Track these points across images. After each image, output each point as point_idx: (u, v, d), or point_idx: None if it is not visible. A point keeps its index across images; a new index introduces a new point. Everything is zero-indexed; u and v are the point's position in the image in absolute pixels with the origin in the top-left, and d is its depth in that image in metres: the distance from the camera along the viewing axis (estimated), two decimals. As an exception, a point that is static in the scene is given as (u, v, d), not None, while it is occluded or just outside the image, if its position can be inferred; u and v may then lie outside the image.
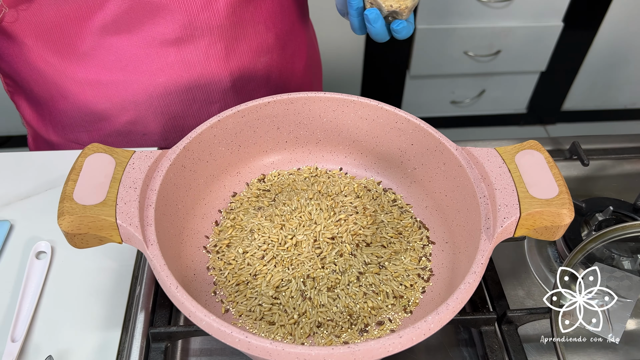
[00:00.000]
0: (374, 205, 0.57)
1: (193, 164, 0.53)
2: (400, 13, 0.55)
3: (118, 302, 0.56)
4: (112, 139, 0.71)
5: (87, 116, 0.68)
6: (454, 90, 2.00)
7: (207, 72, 0.66)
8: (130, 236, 0.44)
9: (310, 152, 0.61)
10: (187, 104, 0.68)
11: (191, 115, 0.70)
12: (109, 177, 0.46)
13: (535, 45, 1.85)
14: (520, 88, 2.05)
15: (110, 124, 0.69)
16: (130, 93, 0.66)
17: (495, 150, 0.50)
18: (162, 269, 0.42)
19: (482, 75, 1.95)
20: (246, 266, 0.52)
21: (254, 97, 0.71)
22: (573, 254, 0.54)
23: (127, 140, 0.71)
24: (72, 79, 0.65)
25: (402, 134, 0.56)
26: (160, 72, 0.65)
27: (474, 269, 0.43)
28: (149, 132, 0.70)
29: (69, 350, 0.52)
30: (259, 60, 0.69)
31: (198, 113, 0.70)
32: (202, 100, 0.69)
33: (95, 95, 0.66)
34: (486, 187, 0.48)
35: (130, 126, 0.69)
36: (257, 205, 0.57)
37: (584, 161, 0.66)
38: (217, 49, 0.64)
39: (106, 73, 0.64)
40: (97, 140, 0.71)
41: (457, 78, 1.96)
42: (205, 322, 0.39)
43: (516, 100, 2.11)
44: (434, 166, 0.55)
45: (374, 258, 0.52)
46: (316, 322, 0.48)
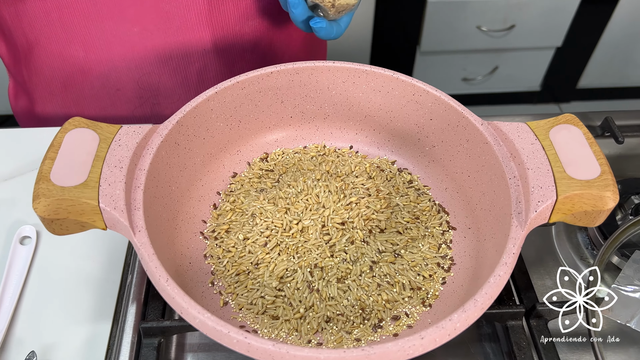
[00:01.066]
0: (388, 187, 0.51)
1: (188, 141, 0.48)
2: (324, 10, 0.51)
3: (108, 292, 0.52)
4: (85, 93, 0.66)
5: (62, 68, 0.64)
6: (466, 67, 1.93)
7: (186, 26, 0.61)
8: (115, 222, 0.39)
9: (318, 129, 0.56)
10: (164, 60, 0.63)
11: (167, 73, 0.65)
12: (92, 155, 0.41)
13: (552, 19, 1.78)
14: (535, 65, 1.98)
15: (84, 77, 0.64)
16: (104, 42, 0.61)
17: (526, 125, 0.45)
18: (151, 259, 0.37)
19: (495, 51, 1.89)
20: (247, 254, 0.47)
21: (237, 64, 0.66)
22: (610, 242, 0.48)
23: (101, 95, 0.66)
24: (49, 23, 0.60)
25: (420, 107, 0.50)
26: (135, 20, 0.59)
27: (504, 260, 0.38)
28: (122, 87, 0.65)
29: (54, 344, 0.48)
30: (246, 23, 0.63)
31: (175, 72, 0.65)
32: (180, 57, 0.64)
33: (70, 41, 0.61)
34: (516, 167, 0.43)
35: (104, 80, 0.64)
36: (259, 187, 0.52)
37: (618, 138, 0.60)
38: (198, 1, 0.59)
39: (81, 19, 0.59)
40: (71, 94, 0.66)
41: (469, 54, 1.89)
42: (199, 320, 0.35)
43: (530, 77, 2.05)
44: (456, 143, 0.49)
45: (389, 245, 0.47)
46: (325, 316, 0.43)
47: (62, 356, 0.47)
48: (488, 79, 1.98)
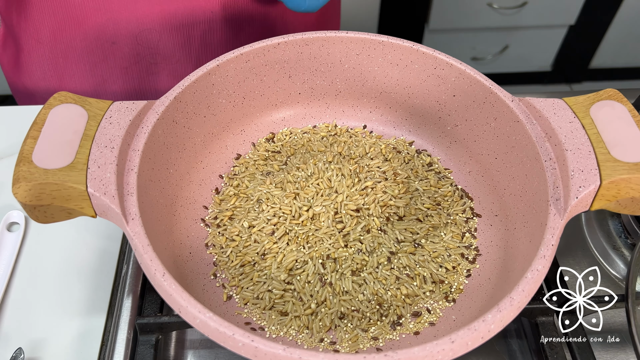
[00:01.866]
0: (406, 170, 0.47)
1: (187, 119, 0.44)
2: None
3: (103, 283, 0.48)
4: (77, 44, 0.61)
5: (54, 13, 0.59)
6: (475, 45, 1.88)
7: None
8: (106, 208, 0.35)
9: (329, 107, 0.51)
10: (167, 16, 0.58)
11: (169, 31, 0.60)
12: (79, 133, 0.37)
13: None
14: (546, 44, 1.93)
15: (78, 26, 0.59)
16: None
17: (563, 102, 0.40)
18: (145, 251, 0.33)
19: (506, 30, 1.84)
20: (252, 243, 0.42)
21: (244, 31, 0.61)
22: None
23: (93, 48, 0.61)
24: None
25: (442, 82, 0.46)
26: None
27: (542, 252, 0.34)
28: (118, 41, 0.60)
29: (44, 340, 0.44)
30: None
31: (177, 31, 0.60)
32: (185, 15, 0.59)
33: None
34: (553, 148, 0.38)
35: (100, 31, 0.59)
36: (266, 170, 0.47)
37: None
38: None
39: None
40: (61, 44, 0.61)
41: (479, 32, 1.84)
42: (199, 320, 0.31)
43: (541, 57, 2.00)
44: (482, 122, 0.45)
45: (408, 235, 0.43)
46: (338, 312, 0.39)
47: (51, 353, 0.44)
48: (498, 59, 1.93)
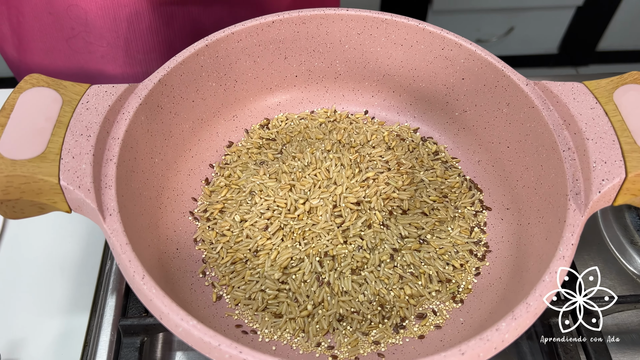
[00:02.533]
0: (410, 159, 0.44)
1: (173, 103, 0.40)
2: None
3: (86, 279, 0.45)
4: (25, 10, 0.55)
5: None
6: (480, 27, 1.84)
7: None
8: (81, 203, 0.32)
9: (327, 90, 0.48)
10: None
11: (94, 7, 0.53)
12: (52, 120, 0.33)
13: (573, -25, 1.68)
14: (553, 25, 1.89)
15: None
16: None
17: (583, 86, 0.37)
18: (124, 250, 0.30)
19: (512, 11, 1.80)
20: (245, 239, 0.39)
21: (177, 21, 0.55)
22: (672, 225, 0.41)
23: (42, 17, 0.55)
24: None
25: (450, 64, 0.42)
26: None
27: (561, 252, 0.31)
28: (55, 12, 0.53)
29: (23, 340, 0.42)
30: None
31: (102, 10, 0.53)
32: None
33: None
34: (572, 137, 0.35)
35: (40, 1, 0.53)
36: (259, 159, 0.44)
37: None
38: None
39: None
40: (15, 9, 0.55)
41: (483, 13, 1.80)
42: (182, 328, 0.28)
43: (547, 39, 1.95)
44: (493, 107, 0.41)
45: (413, 230, 0.40)
46: (337, 314, 0.36)
47: (31, 355, 0.41)
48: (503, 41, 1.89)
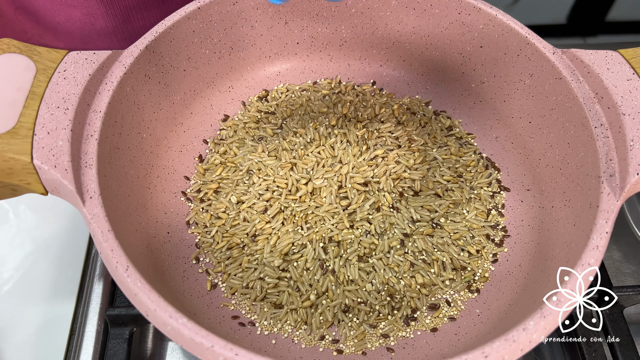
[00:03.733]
0: (422, 135, 0.40)
1: (162, 73, 0.37)
2: None
3: (72, 264, 0.42)
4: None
5: None
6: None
7: None
8: (57, 184, 0.28)
9: (332, 59, 0.44)
10: None
11: None
12: (24, 91, 0.30)
13: (586, -60, 1.61)
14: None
15: None
16: None
17: (618, 55, 0.33)
18: (105, 238, 0.27)
19: (520, -21, 1.73)
20: (242, 222, 0.36)
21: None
22: None
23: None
24: None
25: (467, 30, 0.38)
26: None
27: (595, 242, 0.27)
28: None
29: (5, 328, 0.39)
30: None
31: None
32: None
33: None
34: (605, 112, 0.32)
35: None
36: (257, 135, 0.41)
37: None
38: None
39: None
40: None
41: (491, -19, 1.73)
42: (171, 327, 0.25)
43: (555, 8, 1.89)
44: (515, 79, 0.38)
45: (425, 213, 0.36)
46: (342, 305, 0.33)
47: (13, 344, 0.39)
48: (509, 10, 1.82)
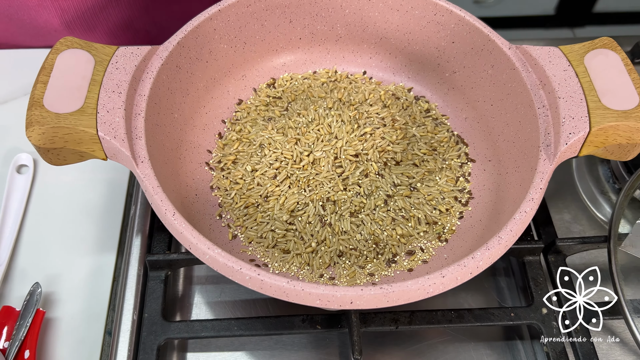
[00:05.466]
0: (404, 116, 0.48)
1: (190, 64, 0.44)
2: None
3: (111, 223, 0.50)
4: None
5: None
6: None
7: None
8: (116, 151, 0.36)
9: (329, 52, 0.52)
10: None
11: None
12: (87, 79, 0.38)
13: None
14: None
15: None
16: None
17: (559, 50, 0.41)
18: (156, 192, 0.35)
19: (510, -29, 1.79)
20: (256, 186, 0.44)
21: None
22: (634, 178, 0.46)
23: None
24: None
25: (441, 29, 0.46)
26: None
27: (531, 195, 0.36)
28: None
29: (59, 275, 0.47)
30: None
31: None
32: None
33: None
34: (546, 95, 0.40)
35: None
36: (267, 116, 0.49)
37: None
38: None
39: None
40: None
41: (482, -26, 1.79)
42: (209, 256, 0.33)
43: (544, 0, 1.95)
44: (480, 69, 0.45)
45: (405, 179, 0.45)
46: (337, 250, 0.42)
47: (66, 287, 0.46)
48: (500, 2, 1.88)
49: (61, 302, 0.46)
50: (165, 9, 0.66)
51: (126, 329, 0.41)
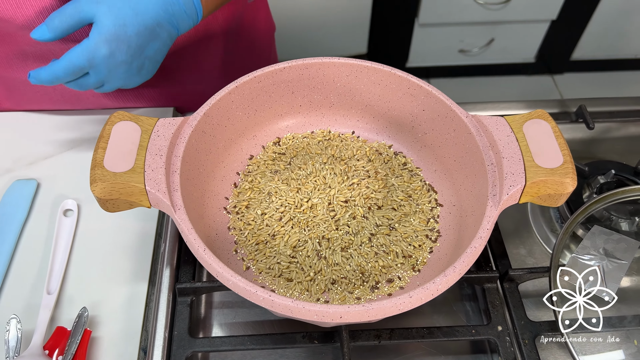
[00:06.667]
0: (385, 168, 0.59)
1: (212, 129, 0.55)
2: None
3: (143, 258, 0.60)
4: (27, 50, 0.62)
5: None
6: (463, 38, 1.97)
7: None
8: (159, 201, 0.47)
9: (324, 116, 0.63)
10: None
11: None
12: (136, 144, 0.49)
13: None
14: (530, 37, 2.02)
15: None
16: None
17: (504, 119, 0.52)
18: (190, 233, 0.45)
19: (492, 24, 1.92)
20: (265, 227, 0.55)
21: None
22: (574, 216, 0.56)
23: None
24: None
25: (414, 99, 0.58)
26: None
27: (480, 234, 0.46)
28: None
29: (101, 301, 0.57)
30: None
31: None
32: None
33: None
34: (494, 155, 0.51)
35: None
36: (274, 169, 0.59)
37: (589, 125, 0.68)
38: None
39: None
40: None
41: (466, 26, 1.93)
42: (231, 282, 0.43)
43: (525, 49, 2.09)
44: (444, 132, 0.57)
45: (385, 220, 0.55)
46: (331, 279, 0.52)
47: (108, 311, 0.56)
48: (484, 51, 2.02)
49: (103, 323, 0.55)
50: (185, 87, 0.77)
51: (159, 344, 0.51)
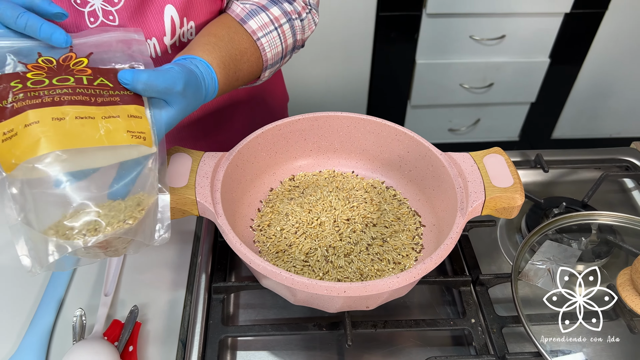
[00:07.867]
0: (378, 198, 0.74)
1: (243, 163, 0.71)
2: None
3: (182, 269, 0.73)
4: None
5: None
6: (451, 119, 2.17)
7: None
8: (206, 210, 0.62)
9: (329, 158, 0.79)
10: None
11: None
12: (189, 169, 0.64)
13: (525, 78, 2.03)
14: (513, 117, 2.21)
15: None
16: None
17: (469, 154, 0.68)
18: (229, 232, 0.59)
19: (477, 106, 2.13)
20: (283, 239, 0.69)
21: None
22: (531, 234, 0.71)
23: None
24: None
25: (400, 144, 0.74)
26: None
27: (451, 235, 0.60)
28: None
29: (147, 304, 0.69)
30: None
31: None
32: None
33: None
34: (462, 181, 0.66)
35: None
36: (290, 197, 0.74)
37: (544, 169, 0.84)
38: None
39: None
40: None
41: (454, 108, 2.13)
42: (261, 266, 0.56)
43: (509, 128, 2.27)
44: (425, 168, 0.72)
45: (379, 234, 0.69)
46: (336, 279, 0.65)
47: (154, 311, 0.68)
48: (471, 130, 2.22)
49: (149, 321, 0.68)
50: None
51: (198, 331, 0.63)
